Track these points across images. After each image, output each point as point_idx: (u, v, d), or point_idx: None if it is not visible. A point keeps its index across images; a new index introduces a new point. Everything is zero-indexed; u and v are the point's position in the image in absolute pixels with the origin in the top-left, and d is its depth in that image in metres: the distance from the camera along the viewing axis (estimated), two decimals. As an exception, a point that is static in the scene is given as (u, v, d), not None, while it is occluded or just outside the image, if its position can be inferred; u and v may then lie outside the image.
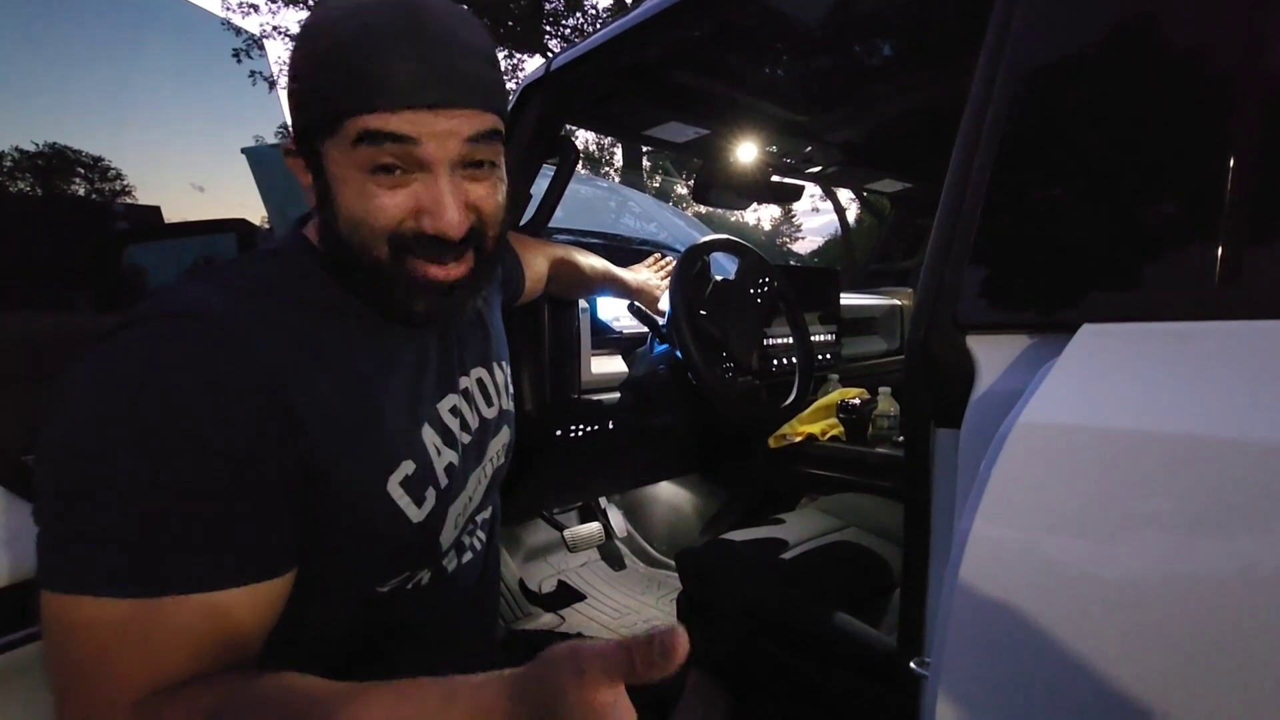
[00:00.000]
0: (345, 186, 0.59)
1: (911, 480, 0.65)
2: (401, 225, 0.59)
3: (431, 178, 0.58)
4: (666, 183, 10.83)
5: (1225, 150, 0.46)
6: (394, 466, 0.63)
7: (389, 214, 0.58)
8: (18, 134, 1.44)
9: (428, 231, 0.59)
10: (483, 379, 0.80)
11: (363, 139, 0.56)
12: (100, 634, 0.47)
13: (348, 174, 0.58)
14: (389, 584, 0.66)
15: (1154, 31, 0.52)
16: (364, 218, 0.59)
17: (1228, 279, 0.45)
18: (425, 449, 0.67)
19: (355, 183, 0.58)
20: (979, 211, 0.57)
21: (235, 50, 2.27)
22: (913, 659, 0.62)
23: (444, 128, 0.57)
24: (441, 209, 0.58)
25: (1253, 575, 0.39)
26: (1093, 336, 0.49)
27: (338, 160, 0.58)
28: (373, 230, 0.59)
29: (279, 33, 14.21)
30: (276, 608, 0.55)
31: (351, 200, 0.58)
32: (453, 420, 0.72)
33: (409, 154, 0.57)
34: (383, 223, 0.58)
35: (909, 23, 1.27)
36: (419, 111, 0.56)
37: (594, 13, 12.99)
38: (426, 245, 0.60)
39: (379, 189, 0.58)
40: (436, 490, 0.67)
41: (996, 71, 0.59)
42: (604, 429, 1.54)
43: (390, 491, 0.62)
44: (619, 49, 1.15)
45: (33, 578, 0.75)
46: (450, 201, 0.59)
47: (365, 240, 0.59)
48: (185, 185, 2.35)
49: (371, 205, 0.58)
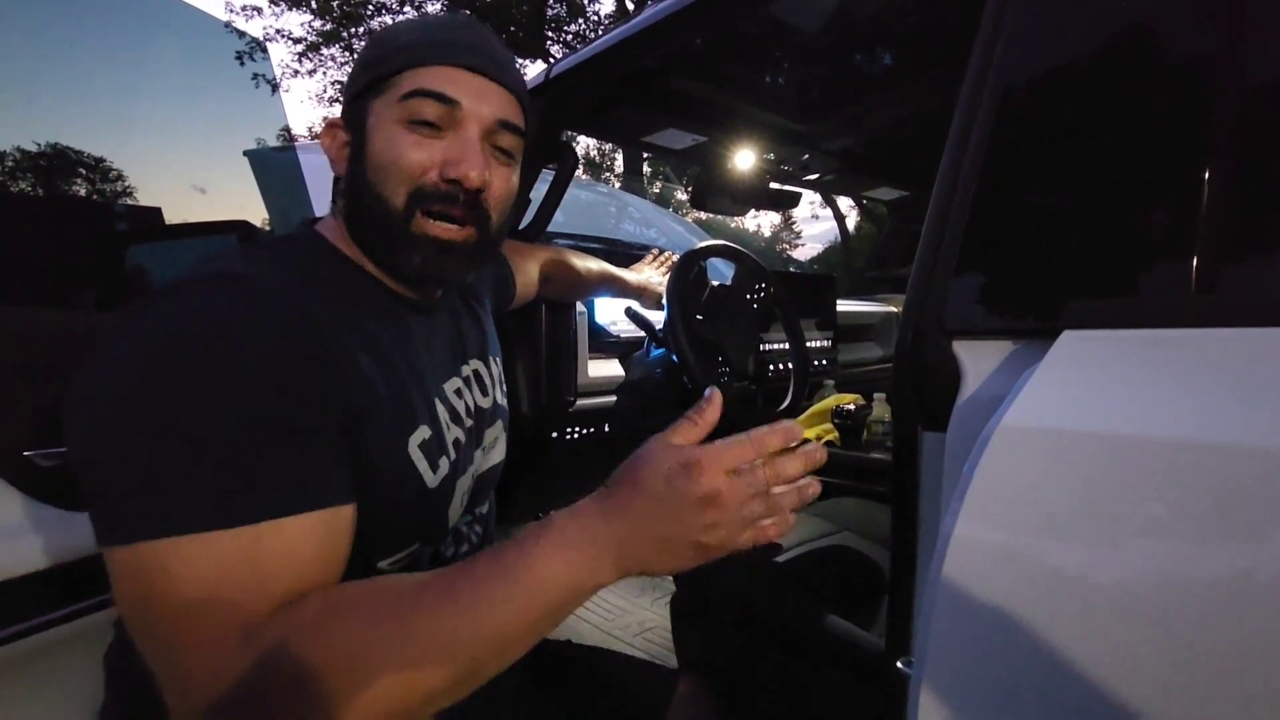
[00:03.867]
0: (382, 135, 0.65)
1: (899, 483, 0.66)
2: (425, 175, 0.65)
3: (463, 133, 0.66)
4: (666, 189, 10.85)
5: (1202, 162, 0.48)
6: (413, 429, 0.66)
7: (417, 162, 0.64)
8: (22, 134, 1.45)
9: (449, 177, 0.65)
10: (479, 371, 0.83)
11: (412, 94, 0.64)
12: (202, 569, 0.47)
13: (388, 126, 0.65)
14: (392, 557, 0.67)
15: (1135, 45, 0.54)
16: (394, 162, 0.65)
17: (1204, 288, 0.47)
18: (439, 418, 0.70)
19: (392, 133, 0.65)
20: (965, 219, 0.59)
21: (238, 53, 2.29)
22: (899, 658, 0.63)
23: (482, 91, 0.66)
24: (467, 157, 0.65)
25: (1229, 576, 0.40)
26: (1073, 342, 0.50)
27: (381, 114, 0.65)
28: (399, 175, 0.65)
29: (282, 36, 14.28)
30: (349, 539, 0.57)
31: (384, 148, 0.65)
32: (457, 401, 0.76)
33: (449, 114, 0.65)
34: (410, 169, 0.65)
35: (905, 32, 1.29)
36: (464, 72, 0.65)
37: (596, 19, 13.04)
38: (442, 197, 0.66)
39: (413, 139, 0.64)
40: (448, 459, 0.70)
41: (984, 82, 0.60)
42: (600, 432, 1.55)
43: (410, 452, 0.65)
44: (619, 57, 1.16)
45: (34, 573, 0.77)
46: (476, 153, 0.66)
47: (388, 186, 0.65)
48: (186, 187, 2.36)
49: (403, 153, 0.64)
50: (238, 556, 0.48)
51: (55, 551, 0.79)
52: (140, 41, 1.79)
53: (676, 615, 1.32)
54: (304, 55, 12.93)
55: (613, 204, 3.69)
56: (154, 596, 0.48)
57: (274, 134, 2.26)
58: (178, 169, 1.86)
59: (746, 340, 1.54)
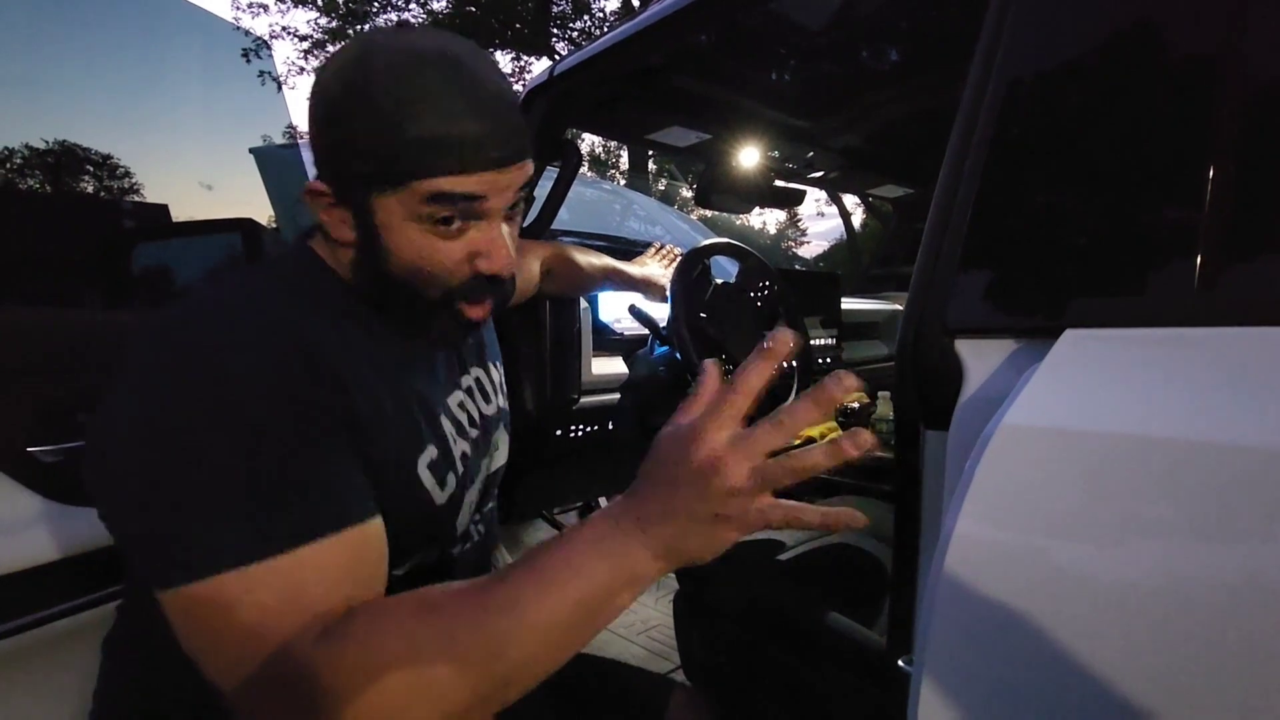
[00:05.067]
0: (398, 235, 0.61)
1: (901, 481, 0.66)
2: (457, 272, 0.63)
3: (488, 225, 0.63)
4: (671, 186, 10.84)
5: (1205, 161, 0.47)
6: (421, 450, 0.66)
7: (449, 263, 0.62)
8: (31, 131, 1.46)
9: (484, 273, 0.63)
10: (480, 378, 0.82)
11: (433, 199, 0.59)
12: (261, 598, 0.49)
13: (403, 225, 0.60)
14: (403, 567, 0.68)
15: (1137, 44, 0.53)
16: (424, 265, 0.62)
17: (1206, 287, 0.46)
18: (445, 436, 0.70)
19: (413, 235, 0.61)
20: (968, 218, 0.58)
21: (244, 50, 2.30)
22: (900, 656, 0.63)
23: (506, 182, 0.61)
24: (499, 252, 0.63)
25: (1231, 576, 0.40)
26: (1076, 341, 0.50)
27: (393, 212, 0.60)
28: (432, 277, 0.62)
29: (288, 33, 14.31)
30: (385, 551, 0.58)
31: (407, 248, 0.61)
32: (461, 414, 0.76)
33: (473, 209, 0.61)
34: (443, 270, 0.62)
35: (910, 29, 1.29)
36: (489, 172, 0.59)
37: (601, 15, 13.03)
38: (479, 288, 0.64)
39: (438, 239, 0.61)
40: (456, 476, 0.70)
41: (987, 79, 0.60)
42: (604, 430, 1.55)
43: (419, 473, 0.65)
44: (623, 54, 1.16)
45: (36, 567, 0.77)
46: (505, 246, 0.63)
47: (423, 284, 0.63)
48: (193, 184, 2.38)
49: (433, 256, 0.62)
50: (283, 581, 0.50)
51: (57, 546, 0.80)
52: (147, 41, 1.79)
53: (679, 613, 1.32)
54: (309, 52, 12.97)
55: (617, 201, 3.68)
56: (216, 630, 0.49)
57: (279, 131, 2.26)
58: (185, 166, 1.87)
59: (750, 338, 1.54)
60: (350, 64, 0.59)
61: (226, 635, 0.49)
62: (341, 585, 0.52)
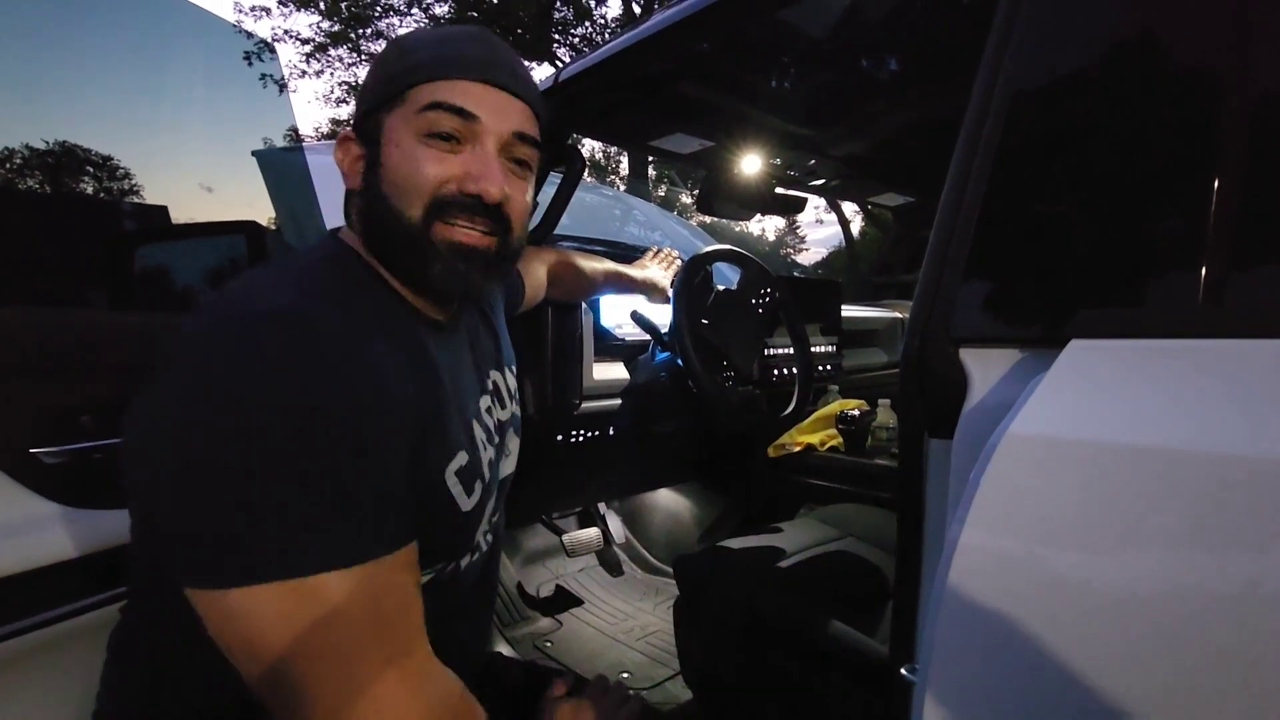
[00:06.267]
0: (397, 149, 0.64)
1: (905, 489, 0.66)
2: (443, 187, 0.64)
3: (481, 148, 0.65)
4: (672, 192, 10.85)
5: (1210, 173, 0.48)
6: (452, 457, 0.66)
7: (435, 176, 0.64)
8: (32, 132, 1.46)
9: (469, 192, 0.64)
10: (498, 382, 0.83)
11: (429, 107, 0.63)
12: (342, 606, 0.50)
13: (404, 139, 0.64)
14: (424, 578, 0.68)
15: (1143, 55, 0.54)
16: (411, 176, 0.64)
17: (1211, 299, 0.47)
18: (476, 442, 0.70)
19: (409, 147, 0.64)
20: (973, 227, 0.59)
21: (247, 54, 2.30)
22: (903, 665, 0.63)
23: (501, 106, 0.65)
24: (487, 172, 0.65)
25: (1235, 587, 0.40)
26: (1080, 351, 0.50)
27: (396, 127, 0.64)
28: (417, 188, 0.64)
29: (290, 36, 14.34)
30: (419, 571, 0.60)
31: (401, 162, 0.64)
32: (489, 419, 0.76)
33: (467, 128, 0.64)
34: (428, 183, 0.64)
35: (913, 38, 1.29)
36: (483, 86, 0.64)
37: (602, 22, 13.07)
38: (462, 206, 0.65)
39: (431, 153, 0.64)
40: (482, 483, 0.70)
41: (992, 89, 0.60)
42: (604, 435, 1.55)
43: (447, 480, 0.65)
44: (627, 62, 1.17)
45: (41, 568, 0.77)
46: (496, 169, 0.65)
47: (405, 199, 0.64)
48: (193, 186, 2.38)
49: (421, 167, 0.64)
50: (364, 592, 0.51)
51: (60, 548, 0.80)
52: (150, 43, 1.80)
53: (679, 619, 1.32)
54: (311, 56, 13.00)
55: (618, 207, 3.69)
56: (304, 633, 0.49)
57: (281, 134, 2.27)
58: (186, 168, 1.87)
59: (751, 345, 1.54)
60: (392, 40, 0.69)
61: (306, 645, 0.49)
62: (414, 599, 0.56)
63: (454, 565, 0.72)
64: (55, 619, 0.78)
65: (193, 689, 0.62)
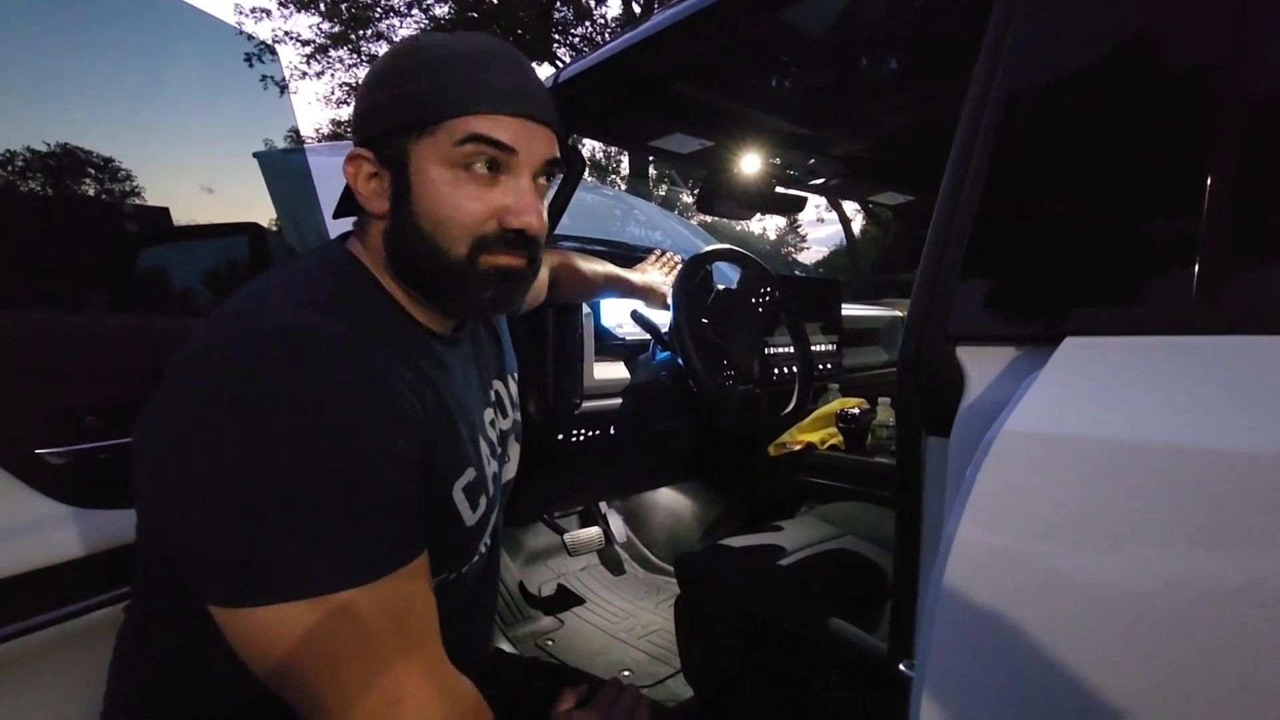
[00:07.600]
0: (432, 183, 0.63)
1: (903, 486, 0.67)
2: (485, 225, 0.64)
3: (517, 181, 0.65)
4: (672, 192, 10.85)
5: (1205, 170, 0.48)
6: (461, 472, 0.66)
7: (477, 214, 0.64)
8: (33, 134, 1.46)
9: (511, 228, 0.64)
10: (500, 392, 0.83)
11: (467, 140, 0.62)
12: (370, 621, 0.51)
13: (437, 171, 0.63)
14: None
15: (1139, 54, 0.54)
16: (452, 216, 0.63)
17: (1205, 296, 0.47)
18: (482, 455, 0.71)
19: (443, 180, 0.63)
20: (970, 226, 0.59)
21: (247, 55, 2.32)
22: (902, 661, 0.64)
23: (534, 136, 0.65)
24: (527, 207, 0.64)
25: (1232, 583, 0.41)
26: (1075, 349, 0.51)
27: (428, 156, 0.63)
28: (460, 225, 0.63)
29: (290, 38, 14.33)
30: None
31: (438, 198, 0.63)
32: (493, 432, 0.76)
33: (504, 160, 0.63)
34: (471, 220, 0.63)
35: (912, 38, 1.29)
36: (520, 120, 0.63)
37: (602, 22, 13.06)
38: (506, 241, 0.65)
39: (471, 189, 0.63)
40: (486, 497, 0.71)
41: (989, 88, 0.60)
42: (605, 434, 1.56)
43: (454, 495, 0.66)
44: (626, 63, 1.17)
45: (45, 568, 0.77)
46: (533, 202, 0.65)
47: (446, 236, 0.63)
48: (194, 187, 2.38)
49: (462, 205, 0.63)
50: (389, 606, 0.53)
51: (65, 548, 0.80)
52: (152, 46, 1.80)
53: (680, 617, 1.33)
54: (312, 57, 12.99)
55: (618, 206, 3.69)
56: (328, 648, 0.50)
57: (282, 136, 2.27)
58: (187, 170, 1.88)
59: (751, 344, 1.55)
60: (402, 46, 0.65)
61: (334, 657, 0.50)
62: (430, 604, 0.57)
63: (456, 573, 0.73)
64: (61, 618, 0.79)
65: (198, 687, 0.63)
